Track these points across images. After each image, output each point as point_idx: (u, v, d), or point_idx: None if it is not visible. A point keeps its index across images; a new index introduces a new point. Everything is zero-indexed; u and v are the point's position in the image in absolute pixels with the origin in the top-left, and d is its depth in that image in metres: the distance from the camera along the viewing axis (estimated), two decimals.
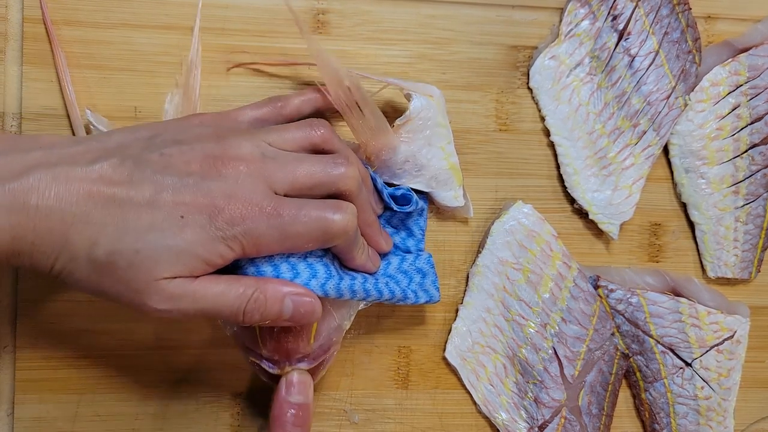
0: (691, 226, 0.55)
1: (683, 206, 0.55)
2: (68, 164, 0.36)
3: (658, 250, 0.55)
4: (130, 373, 0.48)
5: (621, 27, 0.51)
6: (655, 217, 0.55)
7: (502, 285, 0.51)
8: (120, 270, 0.36)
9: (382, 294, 0.44)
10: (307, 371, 0.44)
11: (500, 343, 0.51)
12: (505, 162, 0.52)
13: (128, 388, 0.48)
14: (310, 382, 0.43)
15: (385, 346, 0.51)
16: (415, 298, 0.46)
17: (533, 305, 0.51)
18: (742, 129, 0.53)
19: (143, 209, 0.36)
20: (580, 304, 0.51)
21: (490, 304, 0.51)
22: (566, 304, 0.51)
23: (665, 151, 0.54)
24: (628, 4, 0.51)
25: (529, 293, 0.51)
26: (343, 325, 0.46)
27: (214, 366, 0.49)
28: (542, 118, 0.52)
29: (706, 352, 0.53)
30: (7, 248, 0.35)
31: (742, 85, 0.53)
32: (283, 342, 0.42)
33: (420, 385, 0.52)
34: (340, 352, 0.47)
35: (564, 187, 0.53)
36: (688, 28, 0.52)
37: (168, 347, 0.49)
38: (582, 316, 0.51)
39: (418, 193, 0.49)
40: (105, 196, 0.35)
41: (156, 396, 0.49)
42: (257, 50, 0.48)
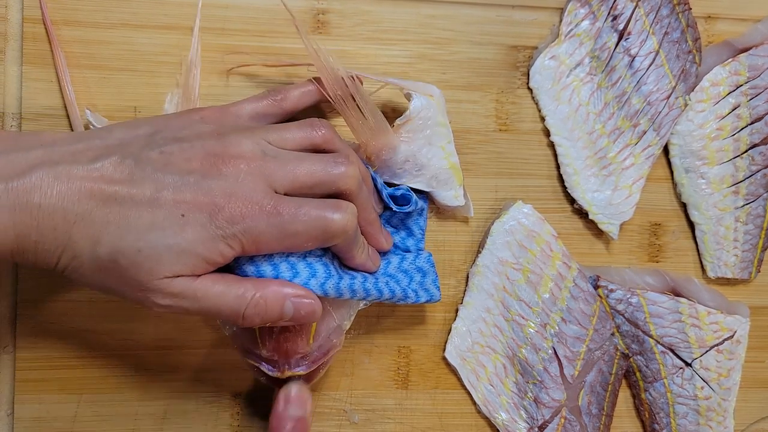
0: (691, 226, 0.55)
1: (683, 206, 0.55)
2: (69, 163, 0.36)
3: (658, 250, 0.55)
4: (130, 373, 0.48)
5: (621, 27, 0.51)
6: (655, 217, 0.55)
7: (502, 285, 0.51)
8: (122, 268, 0.36)
9: (382, 293, 0.44)
10: (306, 378, 0.44)
11: (500, 343, 0.51)
12: (505, 162, 0.52)
13: (128, 388, 0.48)
14: (308, 395, 0.43)
15: (385, 346, 0.51)
16: (416, 297, 0.46)
17: (533, 305, 0.51)
18: (742, 129, 0.53)
19: (144, 208, 0.36)
20: (580, 304, 0.51)
21: (490, 304, 0.51)
22: (566, 304, 0.51)
23: (665, 151, 0.54)
24: (628, 4, 0.51)
25: (529, 293, 0.51)
26: (342, 326, 0.46)
27: (214, 366, 0.49)
28: (542, 118, 0.52)
29: (706, 352, 0.53)
30: (12, 246, 0.35)
31: (742, 85, 0.53)
32: (283, 342, 0.42)
33: (420, 385, 0.52)
34: (340, 352, 0.47)
35: (564, 187, 0.53)
36: (688, 28, 0.52)
37: (168, 347, 0.49)
38: (582, 316, 0.51)
39: (419, 193, 0.49)
40: (106, 195, 0.36)
41: (156, 396, 0.48)
42: (257, 50, 0.48)
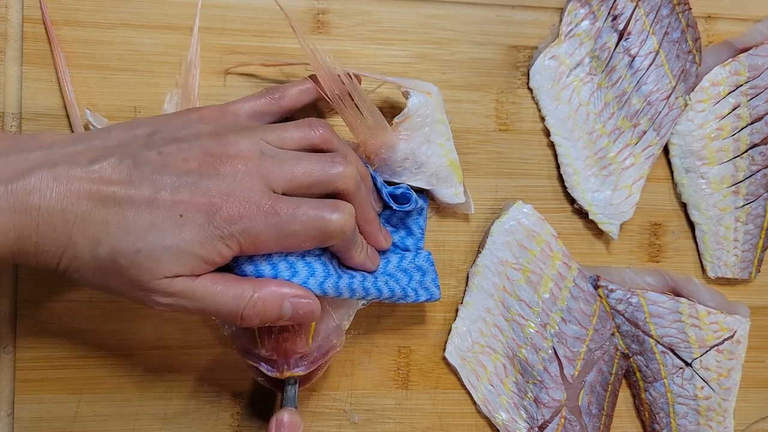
0: (691, 226, 0.55)
1: (683, 206, 0.55)
2: (68, 164, 0.36)
3: (658, 250, 0.55)
4: (130, 373, 0.48)
5: (621, 27, 0.51)
6: (655, 217, 0.55)
7: (502, 285, 0.51)
8: (122, 268, 0.36)
9: (382, 292, 0.44)
10: (305, 378, 0.44)
11: (500, 343, 0.51)
12: (505, 162, 0.52)
13: (128, 388, 0.48)
14: (300, 422, 0.43)
15: (385, 346, 0.51)
16: (416, 297, 0.46)
17: (533, 305, 0.51)
18: (742, 129, 0.53)
19: (143, 208, 0.36)
20: (580, 304, 0.51)
21: (490, 304, 0.51)
22: (566, 304, 0.51)
23: (665, 151, 0.54)
24: (628, 4, 0.51)
25: (529, 293, 0.51)
26: (342, 326, 0.46)
27: (214, 366, 0.49)
28: (542, 118, 0.52)
29: (706, 352, 0.53)
30: (13, 248, 0.35)
31: (742, 85, 0.53)
32: (282, 342, 0.42)
33: (420, 385, 0.52)
34: (340, 352, 0.46)
35: (564, 187, 0.53)
36: (689, 28, 0.52)
37: (168, 347, 0.49)
38: (582, 316, 0.51)
39: (419, 192, 0.49)
40: (105, 196, 0.36)
41: (156, 396, 0.49)
42: (257, 50, 0.48)
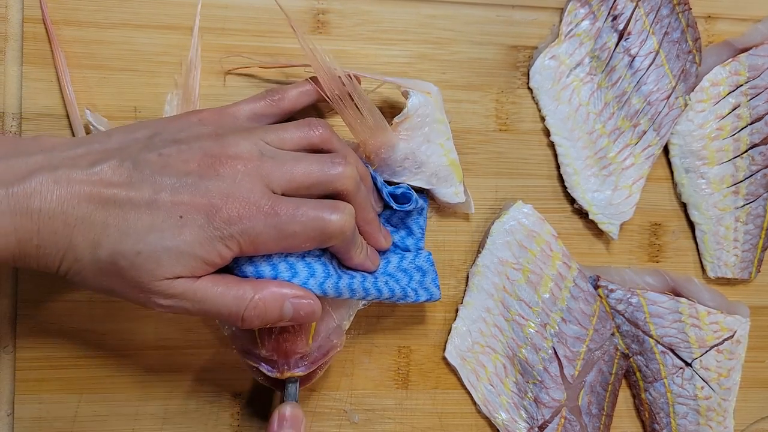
0: (691, 226, 0.55)
1: (683, 206, 0.55)
2: (69, 167, 0.36)
3: (658, 250, 0.55)
4: (130, 373, 0.48)
5: (621, 27, 0.51)
6: (655, 217, 0.55)
7: (502, 285, 0.51)
8: (123, 270, 0.36)
9: (382, 293, 0.44)
10: (306, 378, 0.44)
11: (500, 343, 0.51)
12: (505, 162, 0.52)
13: (128, 388, 0.48)
14: (301, 416, 0.43)
15: (385, 346, 0.51)
16: (416, 297, 0.46)
17: (533, 305, 0.51)
18: (742, 129, 0.53)
19: (143, 210, 0.36)
20: (580, 304, 0.51)
21: (490, 304, 0.51)
22: (566, 304, 0.51)
23: (665, 151, 0.54)
24: (629, 4, 0.51)
25: (529, 293, 0.51)
26: (342, 326, 0.46)
27: (214, 366, 0.49)
28: (542, 118, 0.52)
29: (706, 352, 0.53)
30: (14, 251, 0.35)
31: (742, 85, 0.53)
32: (282, 342, 0.42)
33: (420, 385, 0.52)
34: (340, 352, 0.46)
35: (564, 187, 0.53)
36: (688, 28, 0.52)
37: (168, 347, 0.49)
38: (582, 316, 0.51)
39: (419, 192, 0.49)
40: (105, 198, 0.36)
41: (156, 396, 0.49)
42: (257, 50, 0.48)
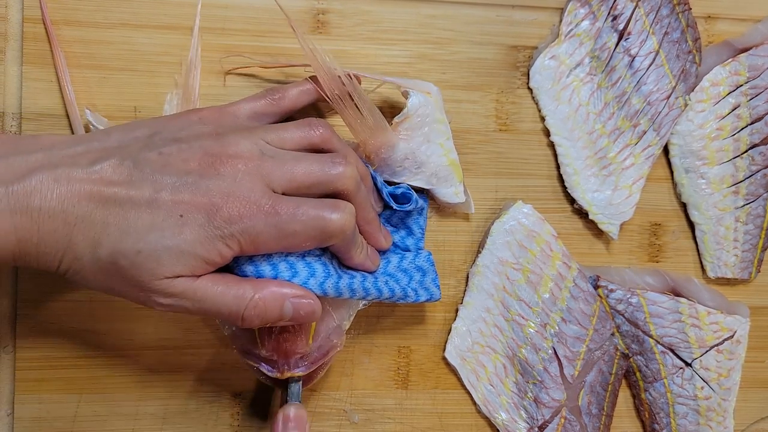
0: (691, 226, 0.55)
1: (683, 206, 0.55)
2: (69, 166, 0.36)
3: (658, 250, 0.55)
4: (130, 373, 0.48)
5: (621, 27, 0.51)
6: (655, 217, 0.55)
7: (502, 285, 0.51)
8: (123, 269, 0.36)
9: (382, 293, 0.44)
10: (306, 378, 0.44)
11: (500, 343, 0.51)
12: (505, 162, 0.52)
13: (128, 388, 0.48)
14: (305, 416, 0.43)
15: (385, 346, 0.51)
16: (416, 297, 0.46)
17: (533, 305, 0.51)
18: (742, 129, 0.53)
19: (143, 209, 0.36)
20: (580, 304, 0.51)
21: (490, 304, 0.51)
22: (566, 304, 0.51)
23: (665, 151, 0.54)
24: (628, 4, 0.51)
25: (529, 293, 0.51)
26: (342, 326, 0.46)
27: (214, 366, 0.49)
28: (542, 118, 0.52)
29: (706, 352, 0.53)
30: (14, 250, 0.35)
31: (742, 85, 0.53)
32: (282, 342, 0.42)
33: (420, 385, 0.52)
34: (340, 352, 0.47)
35: (564, 187, 0.53)
36: (688, 28, 0.52)
37: (168, 347, 0.49)
38: (582, 316, 0.51)
39: (419, 192, 0.49)
40: (105, 197, 0.36)
41: (156, 396, 0.49)
42: (257, 50, 0.48)
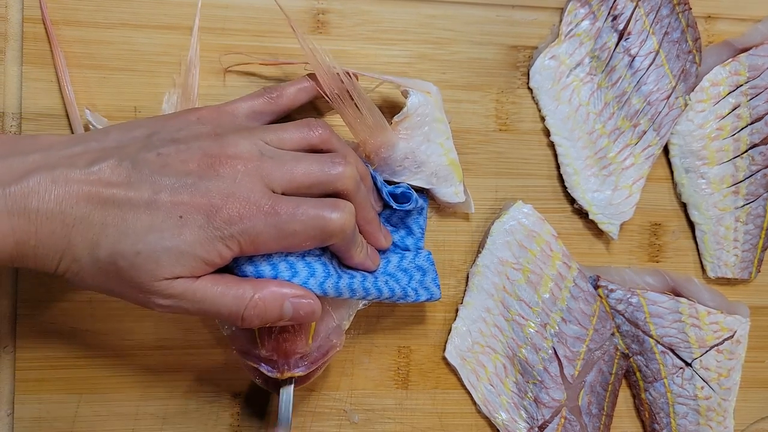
0: (691, 226, 0.55)
1: (683, 206, 0.55)
2: (67, 166, 0.36)
3: (658, 250, 0.55)
4: (130, 373, 0.48)
5: (621, 27, 0.51)
6: (655, 217, 0.55)
7: (502, 285, 0.51)
8: (122, 271, 0.36)
9: (382, 292, 0.44)
10: (304, 378, 0.44)
11: (500, 343, 0.51)
12: (505, 162, 0.52)
13: (128, 388, 0.48)
14: None
15: (385, 346, 0.51)
16: (416, 296, 0.46)
17: (533, 305, 0.51)
18: (742, 129, 0.53)
19: (142, 210, 0.36)
20: (580, 304, 0.51)
21: (490, 304, 0.51)
22: (566, 304, 0.51)
23: (665, 151, 0.54)
24: (629, 4, 0.51)
25: (529, 293, 0.51)
26: (342, 326, 0.46)
27: (214, 366, 0.49)
28: (542, 118, 0.52)
29: (706, 352, 0.53)
30: (12, 252, 0.35)
31: (742, 85, 0.53)
32: (282, 342, 0.42)
33: (420, 385, 0.52)
34: (340, 352, 0.47)
35: (564, 187, 0.53)
36: (689, 28, 0.52)
37: (168, 347, 0.49)
38: (582, 316, 0.51)
39: (419, 191, 0.49)
40: (104, 198, 0.36)
41: (156, 396, 0.49)
42: (257, 50, 0.48)
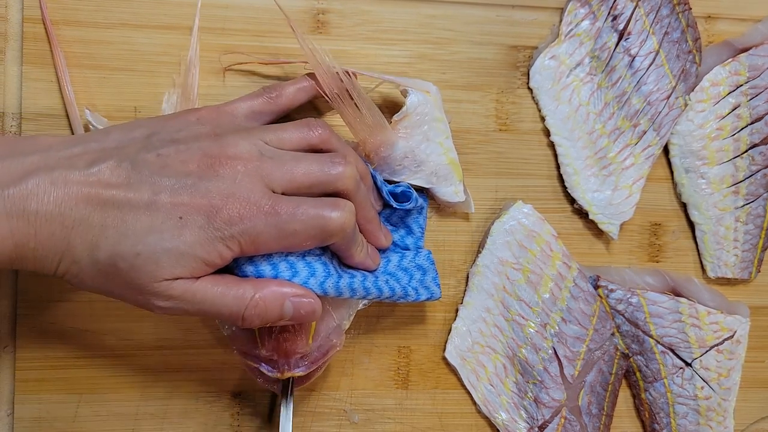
0: (691, 226, 0.55)
1: (683, 206, 0.55)
2: (66, 168, 0.36)
3: (658, 250, 0.55)
4: (130, 373, 0.48)
5: (621, 27, 0.51)
6: (655, 217, 0.55)
7: (502, 285, 0.51)
8: (122, 272, 0.36)
9: (382, 292, 0.44)
10: (305, 378, 0.44)
11: (500, 343, 0.51)
12: (505, 162, 0.52)
13: (128, 388, 0.48)
14: None
15: (385, 346, 0.51)
16: (416, 296, 0.46)
17: (533, 305, 0.51)
18: (742, 129, 0.53)
19: (142, 211, 0.36)
20: (580, 304, 0.51)
21: (490, 304, 0.51)
22: (566, 304, 0.51)
23: (665, 151, 0.54)
24: (629, 4, 0.51)
25: (529, 293, 0.51)
26: (342, 325, 0.46)
27: (214, 366, 0.49)
28: (542, 118, 0.52)
29: (706, 352, 0.53)
30: (11, 254, 0.35)
31: (742, 85, 0.53)
32: (282, 342, 0.42)
33: (420, 385, 0.52)
34: (340, 352, 0.47)
35: (564, 187, 0.53)
36: (689, 28, 0.52)
37: (168, 347, 0.49)
38: (582, 316, 0.51)
39: (419, 191, 0.49)
40: (103, 199, 0.35)
41: (156, 396, 0.49)
42: (257, 50, 0.48)
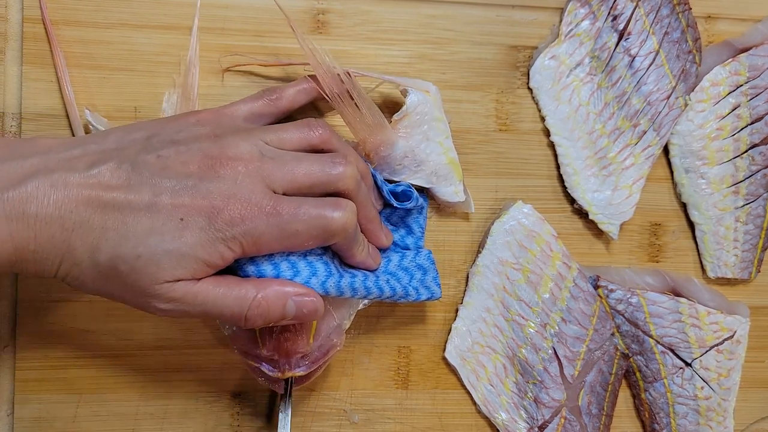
0: (691, 226, 0.55)
1: (683, 206, 0.55)
2: (66, 170, 0.35)
3: (658, 250, 0.55)
4: (130, 373, 0.48)
5: (621, 27, 0.51)
6: (655, 217, 0.55)
7: (502, 285, 0.51)
8: (123, 274, 0.36)
9: (383, 291, 0.44)
10: (305, 377, 0.44)
11: (500, 343, 0.51)
12: (505, 162, 0.52)
13: (128, 388, 0.48)
14: None
15: (385, 346, 0.51)
16: (416, 295, 0.46)
17: (533, 305, 0.51)
18: (742, 129, 0.53)
19: (142, 213, 0.36)
20: (580, 304, 0.51)
21: (490, 304, 0.51)
22: (566, 304, 0.51)
23: (665, 151, 0.54)
24: (629, 4, 0.51)
25: (529, 293, 0.51)
26: (342, 325, 0.46)
27: (214, 366, 0.49)
28: (542, 118, 0.52)
29: (706, 352, 0.53)
30: (11, 257, 0.35)
31: (742, 85, 0.53)
32: (283, 342, 0.42)
33: (420, 385, 0.52)
34: (340, 352, 0.47)
35: (564, 187, 0.53)
36: (689, 28, 0.52)
37: (168, 347, 0.49)
38: (582, 316, 0.51)
39: (419, 191, 0.49)
40: (103, 202, 0.35)
41: (156, 396, 0.49)
42: (257, 50, 0.48)
